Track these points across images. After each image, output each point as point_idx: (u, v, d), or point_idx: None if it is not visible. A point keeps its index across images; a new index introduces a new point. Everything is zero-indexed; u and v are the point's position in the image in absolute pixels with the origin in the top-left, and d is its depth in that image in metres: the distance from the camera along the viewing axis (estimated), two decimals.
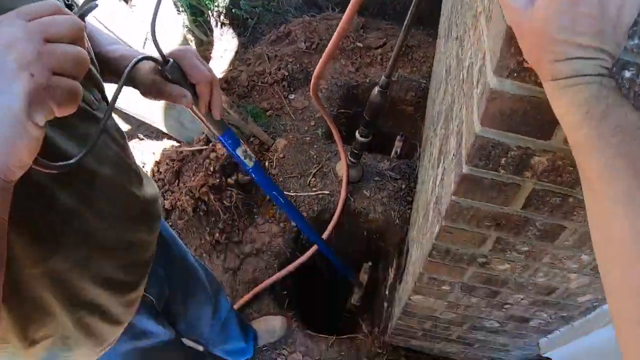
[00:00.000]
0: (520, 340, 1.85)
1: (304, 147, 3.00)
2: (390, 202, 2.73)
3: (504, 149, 0.86)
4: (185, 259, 1.53)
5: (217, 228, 2.66)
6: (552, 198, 0.95)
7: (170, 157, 2.92)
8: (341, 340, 2.44)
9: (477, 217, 1.06)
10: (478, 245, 1.16)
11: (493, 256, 1.19)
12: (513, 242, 1.12)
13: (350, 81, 3.54)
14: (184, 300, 1.50)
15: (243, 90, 3.45)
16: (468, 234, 1.12)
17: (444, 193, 1.19)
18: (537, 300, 1.42)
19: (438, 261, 1.27)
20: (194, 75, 0.93)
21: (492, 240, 1.13)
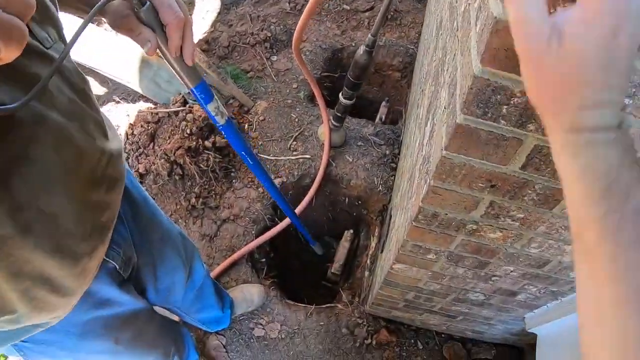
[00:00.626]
0: (505, 314, 1.73)
1: (286, 110, 2.82)
2: (373, 168, 2.57)
3: (506, 95, 0.70)
4: (158, 222, 1.37)
5: (193, 193, 2.49)
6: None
7: (145, 119, 2.72)
8: (320, 310, 2.31)
9: (470, 177, 0.91)
10: (469, 210, 1.01)
11: (484, 223, 1.05)
12: (508, 208, 0.97)
13: (335, 44, 3.35)
14: (155, 266, 1.35)
15: (223, 51, 3.24)
16: (458, 196, 0.97)
17: (432, 151, 1.04)
18: (527, 273, 1.28)
19: (424, 227, 1.12)
20: (164, 16, 0.82)
21: (485, 204, 0.98)
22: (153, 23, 0.83)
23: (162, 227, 1.38)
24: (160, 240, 1.37)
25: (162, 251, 1.38)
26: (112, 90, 3.24)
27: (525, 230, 1.05)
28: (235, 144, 1.29)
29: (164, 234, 1.39)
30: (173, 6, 0.83)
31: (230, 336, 2.22)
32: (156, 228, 1.35)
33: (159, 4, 0.81)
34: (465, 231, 1.09)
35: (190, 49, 0.89)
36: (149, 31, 0.83)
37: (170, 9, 0.82)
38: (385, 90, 3.52)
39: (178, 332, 1.83)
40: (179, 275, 1.49)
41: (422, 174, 1.14)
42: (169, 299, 1.53)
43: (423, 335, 2.25)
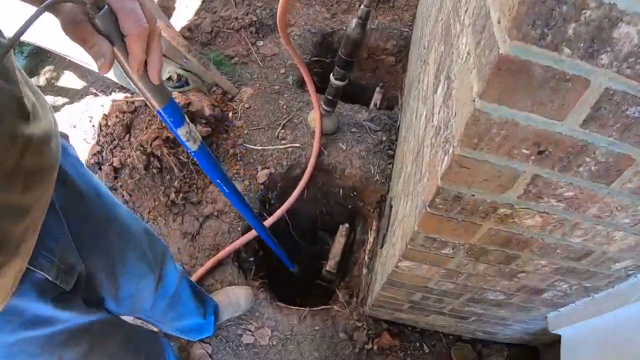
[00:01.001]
0: (524, 314, 1.49)
1: (273, 96, 2.57)
2: (369, 156, 2.32)
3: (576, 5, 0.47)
4: (116, 219, 1.11)
5: (172, 187, 2.23)
6: (632, 107, 0.57)
7: (120, 108, 2.45)
8: (315, 313, 2.06)
9: (511, 141, 0.66)
10: (503, 189, 0.77)
11: (522, 206, 0.81)
12: (555, 184, 0.74)
13: (325, 28, 3.11)
14: (114, 271, 1.11)
15: (206, 37, 2.98)
16: (492, 169, 0.73)
17: (454, 110, 0.79)
18: (562, 268, 1.05)
19: (441, 214, 0.88)
20: (124, 25, 0.68)
21: (526, 180, 0.74)
22: (111, 32, 0.67)
23: (121, 223, 1.13)
24: (120, 239, 1.12)
25: (123, 253, 1.13)
26: (91, 83, 2.99)
27: (571, 214, 0.81)
28: (210, 172, 1.13)
29: (124, 231, 1.13)
30: (135, 12, 0.67)
31: (217, 344, 1.97)
32: (113, 225, 1.09)
33: (119, 9, 0.66)
34: (495, 218, 0.85)
35: (156, 64, 0.74)
36: (105, 43, 0.67)
37: (131, 16, 0.67)
38: (379, 76, 3.28)
39: (154, 343, 1.59)
40: (146, 280, 1.24)
41: (439, 145, 0.90)
42: (136, 308, 1.29)
43: (429, 338, 2.01)
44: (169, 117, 0.89)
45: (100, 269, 1.05)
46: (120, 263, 1.12)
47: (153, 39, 0.72)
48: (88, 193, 1.01)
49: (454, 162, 0.72)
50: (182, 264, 2.11)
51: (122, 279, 1.14)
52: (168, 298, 1.42)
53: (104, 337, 1.14)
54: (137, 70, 0.72)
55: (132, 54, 0.70)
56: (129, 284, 1.17)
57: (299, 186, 2.22)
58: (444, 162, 0.78)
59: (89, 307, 1.03)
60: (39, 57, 3.49)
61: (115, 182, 2.30)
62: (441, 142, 0.86)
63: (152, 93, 0.81)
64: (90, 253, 1.00)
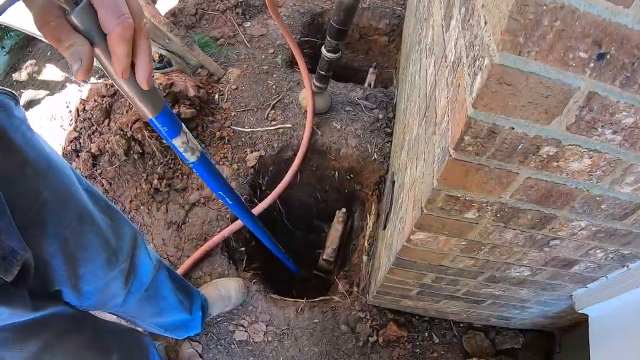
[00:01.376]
0: (547, 293, 1.32)
1: (261, 76, 2.39)
2: (365, 135, 2.15)
3: None
4: (71, 198, 0.91)
5: (155, 173, 2.04)
6: None
7: (99, 92, 2.27)
8: (313, 304, 1.88)
9: (567, 39, 0.49)
10: (551, 116, 0.60)
11: (570, 142, 0.63)
12: (614, 106, 0.57)
13: (314, 8, 2.95)
14: (72, 257, 0.92)
15: (190, 20, 2.81)
16: (539, 85, 0.55)
17: (486, 13, 0.61)
18: (602, 230, 0.88)
19: (470, 160, 0.70)
20: (104, 22, 0.56)
21: (580, 100, 0.57)
22: (90, 30, 0.56)
23: (80, 203, 0.93)
24: (79, 221, 0.92)
25: (83, 238, 0.94)
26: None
27: (626, 153, 0.64)
28: (211, 184, 1.05)
29: (84, 213, 0.94)
30: (118, 6, 0.56)
31: (207, 342, 1.79)
32: (70, 204, 0.90)
33: (98, 2, 0.55)
34: (535, 162, 0.68)
35: (145, 67, 0.62)
36: (83, 43, 0.56)
37: (113, 11, 0.55)
38: (372, 57, 3.12)
39: (133, 342, 1.41)
40: (112, 271, 1.04)
41: (462, 74, 0.71)
42: (104, 302, 1.10)
43: (438, 327, 1.84)
44: (163, 126, 0.77)
45: (54, 257, 0.87)
46: (79, 250, 0.93)
47: (140, 37, 0.60)
48: (37, 164, 0.82)
49: (492, 76, 0.55)
50: (168, 256, 1.93)
51: (84, 268, 0.95)
52: (144, 291, 1.22)
53: (62, 334, 0.96)
54: (122, 74, 0.60)
55: (116, 55, 0.58)
56: (91, 274, 0.98)
57: (292, 168, 2.05)
58: (475, 83, 0.60)
59: (39, 301, 0.85)
60: (20, 53, 3.33)
61: (94, 169, 2.12)
62: (466, 68, 0.68)
63: (142, 99, 0.69)
64: (41, 237, 0.82)
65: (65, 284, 0.93)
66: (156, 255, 1.31)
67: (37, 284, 0.84)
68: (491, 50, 0.55)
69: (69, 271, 0.92)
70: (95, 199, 1.00)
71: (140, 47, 0.61)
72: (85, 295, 1.00)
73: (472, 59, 0.64)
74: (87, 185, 0.99)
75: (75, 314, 1.02)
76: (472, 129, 0.63)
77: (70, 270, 0.92)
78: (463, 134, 0.64)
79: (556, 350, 1.80)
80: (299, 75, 2.37)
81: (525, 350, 1.79)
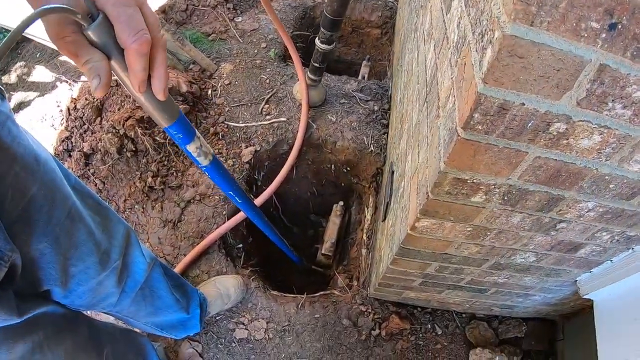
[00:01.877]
0: (551, 279, 1.31)
1: (255, 71, 2.36)
2: (361, 127, 2.13)
3: None
4: (60, 194, 0.87)
5: (149, 171, 2.01)
6: None
7: (90, 90, 2.24)
8: (313, 299, 1.86)
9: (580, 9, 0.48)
10: (562, 90, 0.58)
11: (580, 117, 0.62)
12: (624, 79, 0.56)
13: (306, 1, 2.92)
14: (60, 259, 0.88)
15: (181, 17, 2.77)
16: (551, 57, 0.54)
17: None
18: (609, 211, 0.86)
19: (479, 140, 0.67)
20: (121, 37, 0.56)
21: (591, 73, 0.55)
22: (107, 45, 0.57)
23: (69, 199, 0.89)
24: (69, 219, 0.88)
25: (73, 236, 0.90)
26: (62, 73, 2.76)
27: (636, 129, 0.63)
28: (222, 185, 1.09)
29: (74, 210, 0.90)
30: (135, 20, 0.56)
31: (207, 341, 1.76)
32: (59, 201, 0.86)
33: (115, 17, 0.55)
34: (545, 140, 0.66)
35: (162, 79, 0.63)
36: (101, 59, 0.56)
37: (130, 25, 0.55)
38: (365, 50, 3.10)
39: (129, 342, 1.38)
40: (104, 270, 1.01)
41: (467, 52, 0.69)
42: (97, 301, 1.06)
43: (441, 318, 1.82)
44: (178, 134, 0.80)
45: (43, 255, 0.83)
46: (70, 248, 0.89)
47: (157, 50, 0.60)
48: (25, 160, 0.78)
49: (504, 48, 0.53)
50: (164, 255, 1.90)
51: (75, 267, 0.91)
52: (138, 290, 1.19)
53: (52, 335, 0.92)
54: (139, 87, 0.61)
55: (133, 70, 0.59)
56: (83, 273, 0.94)
57: (288, 162, 2.02)
58: (485, 57, 0.58)
59: (26, 303, 0.82)
60: (9, 55, 3.26)
61: (87, 169, 2.08)
62: (472, 45, 0.66)
63: (158, 110, 0.71)
64: (29, 235, 0.78)
65: (55, 283, 0.89)
66: (150, 253, 1.28)
67: (25, 284, 0.81)
68: (502, 22, 0.53)
69: (60, 270, 0.88)
70: (84, 197, 0.97)
71: (156, 60, 0.60)
72: (76, 294, 0.96)
73: (480, 35, 0.62)
74: (75, 182, 0.95)
75: (67, 314, 0.99)
76: (482, 105, 0.61)
77: (60, 269, 0.88)
78: (472, 111, 0.62)
79: (559, 337, 1.79)
80: (293, 68, 2.35)
81: (528, 339, 1.78)
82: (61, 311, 0.96)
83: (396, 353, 1.73)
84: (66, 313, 0.98)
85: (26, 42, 3.33)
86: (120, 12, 0.55)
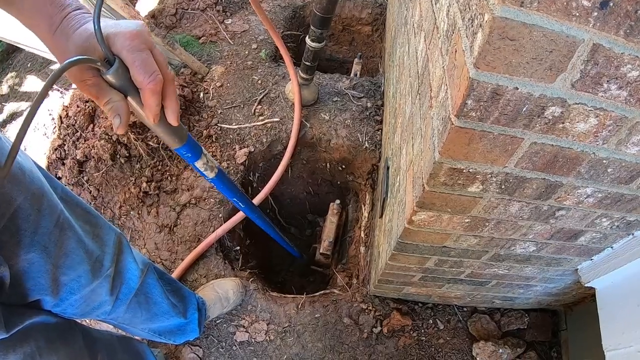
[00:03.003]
0: (552, 268, 1.30)
1: (246, 72, 2.34)
2: (355, 124, 2.11)
3: None
4: (48, 202, 0.85)
5: (143, 176, 1.99)
6: None
7: (81, 97, 2.21)
8: (313, 299, 1.84)
9: None
10: (556, 72, 0.57)
11: (575, 100, 0.61)
12: (619, 58, 0.55)
13: (295, 1, 2.91)
14: (50, 269, 0.86)
15: (171, 21, 2.75)
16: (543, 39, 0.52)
17: None
18: (608, 196, 0.85)
19: (473, 127, 0.66)
20: (137, 79, 0.63)
21: (584, 54, 0.54)
22: (125, 85, 0.64)
23: (58, 207, 0.87)
24: (58, 228, 0.86)
25: (63, 244, 0.88)
26: None
27: (631, 110, 0.62)
28: (227, 193, 1.17)
29: (62, 218, 0.88)
30: (148, 64, 0.62)
31: (208, 346, 1.74)
32: (47, 209, 0.83)
33: (131, 62, 0.62)
34: (540, 125, 0.65)
35: (174, 108, 0.70)
36: (120, 100, 0.63)
37: (144, 68, 0.62)
38: (356, 48, 3.09)
39: (128, 351, 1.36)
40: (97, 278, 0.99)
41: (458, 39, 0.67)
42: (90, 310, 1.04)
43: (442, 313, 1.81)
44: (187, 153, 0.87)
45: (32, 265, 0.81)
46: (61, 257, 0.87)
47: (168, 85, 0.66)
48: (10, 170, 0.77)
49: (494, 30, 0.51)
50: (162, 260, 1.88)
51: (66, 276, 0.90)
52: (133, 296, 1.17)
53: (44, 347, 0.89)
54: (154, 120, 0.67)
55: (149, 106, 0.65)
56: (75, 282, 0.92)
57: (283, 162, 2.00)
58: (476, 42, 0.56)
59: (13, 316, 0.80)
60: (0, 66, 3.25)
61: (81, 176, 2.06)
62: (462, 31, 0.65)
63: (170, 134, 0.77)
64: (16, 246, 0.76)
65: (45, 292, 0.87)
66: (143, 259, 1.26)
67: (13, 294, 0.79)
68: (491, 5, 0.52)
69: (50, 279, 0.86)
70: (73, 206, 0.95)
71: (168, 93, 0.67)
72: (68, 303, 0.95)
73: (470, 20, 0.61)
74: (62, 192, 0.94)
75: (60, 323, 0.96)
76: (475, 91, 0.59)
77: (51, 278, 0.86)
78: (465, 97, 0.60)
79: (562, 327, 1.78)
80: (284, 68, 2.33)
81: (531, 330, 1.77)
82: (53, 321, 0.93)
83: (399, 350, 1.71)
84: (59, 322, 0.96)
85: (17, 51, 3.32)
86: (135, 57, 0.61)
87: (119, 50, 0.61)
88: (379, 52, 2.85)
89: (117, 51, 0.62)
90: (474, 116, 0.64)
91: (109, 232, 1.06)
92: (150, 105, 0.64)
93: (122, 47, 0.61)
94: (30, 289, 0.84)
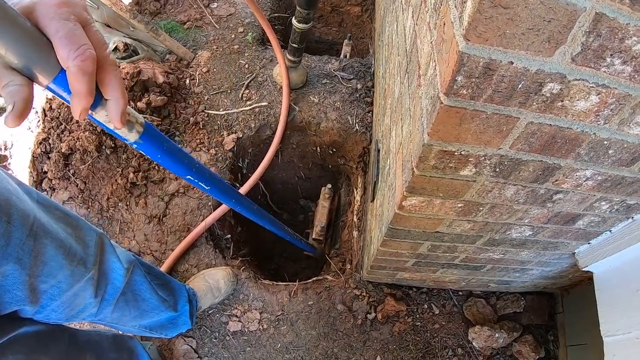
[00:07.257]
0: (549, 252, 1.25)
1: (233, 56, 2.26)
2: (345, 106, 2.04)
3: None
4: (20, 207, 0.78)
5: (130, 167, 1.92)
6: None
7: None
8: (306, 286, 1.79)
9: None
10: (554, 45, 0.51)
11: (576, 76, 0.55)
12: (623, 29, 0.48)
13: None
14: (27, 279, 0.81)
15: (155, 7, 2.64)
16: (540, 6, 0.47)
17: None
18: (608, 179, 0.80)
19: (464, 106, 0.60)
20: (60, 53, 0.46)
21: (586, 24, 0.48)
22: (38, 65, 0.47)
23: (32, 217, 0.80)
24: (32, 236, 0.80)
25: (39, 253, 0.82)
26: None
27: (636, 87, 0.56)
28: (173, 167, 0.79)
29: (37, 222, 0.81)
30: (75, 36, 0.47)
31: (201, 336, 1.70)
32: (16, 221, 0.76)
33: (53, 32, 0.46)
34: (538, 103, 0.59)
35: (118, 105, 0.53)
36: (20, 83, 0.46)
37: (68, 40, 0.46)
38: (346, 29, 3.00)
39: (118, 348, 1.31)
40: (78, 282, 0.93)
41: (446, 12, 0.63)
42: (75, 314, 1.00)
43: (437, 297, 1.76)
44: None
45: (6, 278, 0.76)
46: (38, 266, 0.82)
47: (107, 70, 0.51)
48: None
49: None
50: (152, 251, 1.83)
51: (45, 284, 0.85)
52: (119, 296, 1.11)
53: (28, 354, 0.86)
54: (80, 114, 0.50)
55: (76, 93, 0.48)
56: (55, 288, 0.87)
57: (272, 147, 1.93)
58: (465, 11, 0.50)
59: None
60: None
61: (67, 170, 1.99)
62: (450, 2, 0.59)
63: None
64: None
65: (23, 303, 0.81)
66: (129, 256, 1.20)
67: None
68: None
69: (27, 289, 0.80)
70: (51, 210, 0.89)
71: (109, 82, 0.52)
72: (50, 309, 0.89)
73: None
74: (38, 197, 0.88)
75: (42, 332, 0.91)
76: (466, 66, 0.53)
77: (28, 288, 0.80)
78: (455, 73, 0.54)
79: (559, 310, 1.75)
80: (272, 51, 2.25)
81: (527, 313, 1.73)
82: (33, 329, 0.88)
83: (394, 336, 1.67)
84: (40, 330, 0.91)
85: None
86: (60, 26, 0.47)
87: (39, 19, 0.47)
88: (369, 33, 2.76)
89: (37, 21, 0.47)
90: (465, 94, 0.57)
91: (90, 232, 1.00)
92: (77, 91, 0.48)
93: (44, 15, 0.47)
94: (6, 301, 0.78)
